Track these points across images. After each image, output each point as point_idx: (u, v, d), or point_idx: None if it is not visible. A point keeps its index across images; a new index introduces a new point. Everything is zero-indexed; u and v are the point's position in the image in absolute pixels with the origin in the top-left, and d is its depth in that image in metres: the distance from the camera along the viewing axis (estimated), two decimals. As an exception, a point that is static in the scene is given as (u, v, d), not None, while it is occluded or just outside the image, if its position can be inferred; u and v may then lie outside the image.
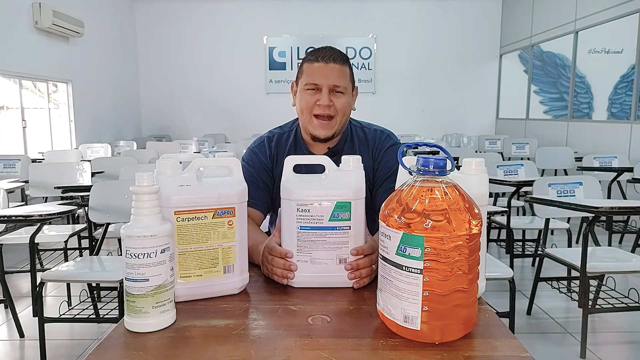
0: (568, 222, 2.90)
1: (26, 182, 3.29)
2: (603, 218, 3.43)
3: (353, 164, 0.96)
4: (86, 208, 2.29)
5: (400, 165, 0.83)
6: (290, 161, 0.98)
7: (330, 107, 1.24)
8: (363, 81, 7.71)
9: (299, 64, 1.33)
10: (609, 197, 3.55)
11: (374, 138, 1.36)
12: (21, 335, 2.33)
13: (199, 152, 4.74)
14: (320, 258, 0.94)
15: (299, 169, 0.98)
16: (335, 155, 1.28)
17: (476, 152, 5.60)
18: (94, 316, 2.26)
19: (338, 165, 0.97)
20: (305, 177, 0.97)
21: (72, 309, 2.35)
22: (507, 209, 2.85)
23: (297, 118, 1.37)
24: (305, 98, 1.25)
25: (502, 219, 2.95)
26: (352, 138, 1.36)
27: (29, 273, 2.19)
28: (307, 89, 1.25)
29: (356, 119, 1.42)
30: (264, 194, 1.31)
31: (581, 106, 5.78)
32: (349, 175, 0.95)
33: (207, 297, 0.91)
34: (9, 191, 2.99)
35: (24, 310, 2.63)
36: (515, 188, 2.90)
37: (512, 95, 7.61)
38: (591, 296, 2.24)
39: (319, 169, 0.98)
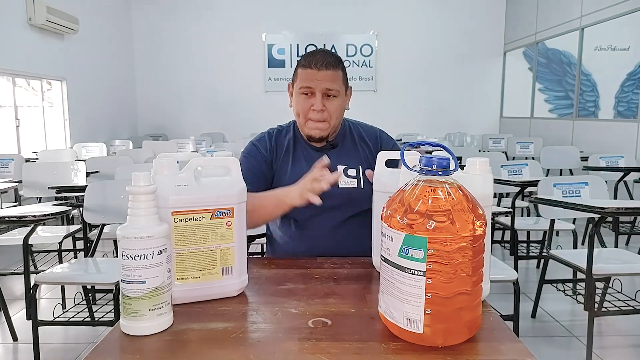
0: (573, 223, 2.87)
1: (20, 182, 3.23)
2: (609, 219, 3.39)
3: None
4: (81, 209, 2.26)
5: (402, 165, 0.82)
6: (382, 156, 1.07)
7: (323, 111, 1.31)
8: (364, 79, 7.68)
9: (295, 66, 1.40)
10: (615, 198, 3.52)
11: (374, 134, 1.46)
12: (14, 338, 2.29)
13: (197, 152, 4.72)
14: None
15: (297, 164, 0.97)
16: (334, 148, 1.38)
17: (480, 151, 5.56)
18: (89, 319, 2.23)
19: (339, 158, 0.98)
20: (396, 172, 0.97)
21: (66, 311, 2.28)
22: (511, 210, 2.82)
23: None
24: (301, 102, 1.34)
25: (506, 220, 2.92)
26: (351, 133, 1.45)
27: (23, 275, 2.15)
28: (302, 93, 1.33)
29: (348, 118, 1.49)
30: (263, 183, 1.37)
31: (587, 104, 5.73)
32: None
33: (205, 300, 0.89)
34: (2, 191, 2.97)
35: (18, 313, 2.60)
36: (519, 188, 2.88)
37: (516, 93, 7.57)
38: (597, 299, 2.21)
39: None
